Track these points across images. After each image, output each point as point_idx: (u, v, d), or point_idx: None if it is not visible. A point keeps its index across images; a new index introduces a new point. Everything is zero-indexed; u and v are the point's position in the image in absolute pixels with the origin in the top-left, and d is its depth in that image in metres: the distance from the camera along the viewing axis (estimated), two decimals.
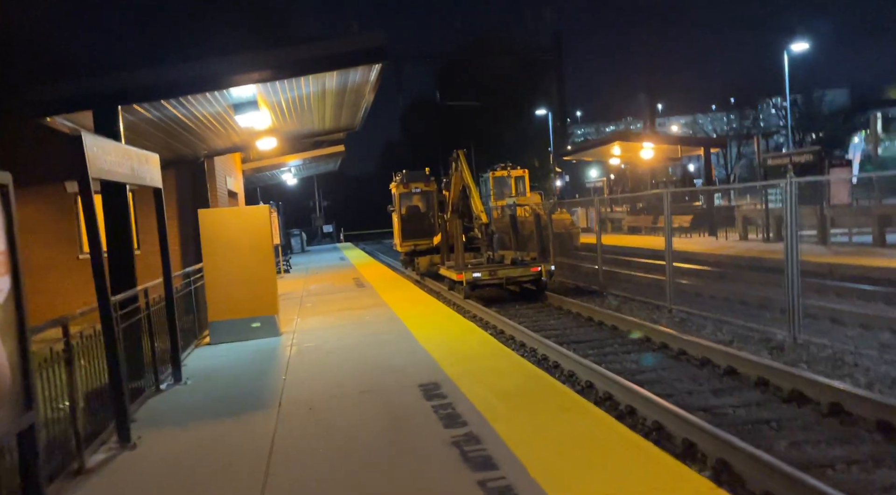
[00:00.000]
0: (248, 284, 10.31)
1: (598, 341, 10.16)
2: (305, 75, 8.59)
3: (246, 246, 10.31)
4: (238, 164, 19.66)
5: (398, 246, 21.15)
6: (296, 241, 38.12)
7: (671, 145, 25.04)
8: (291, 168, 23.79)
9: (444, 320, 10.75)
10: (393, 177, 21.59)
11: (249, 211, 10.48)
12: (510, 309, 13.96)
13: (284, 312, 13.16)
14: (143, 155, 7.38)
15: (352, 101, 11.86)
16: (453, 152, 17.32)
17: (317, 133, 14.85)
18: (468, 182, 16.29)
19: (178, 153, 13.17)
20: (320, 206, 54.58)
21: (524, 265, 14.48)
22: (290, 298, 15.50)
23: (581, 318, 12.19)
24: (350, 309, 12.77)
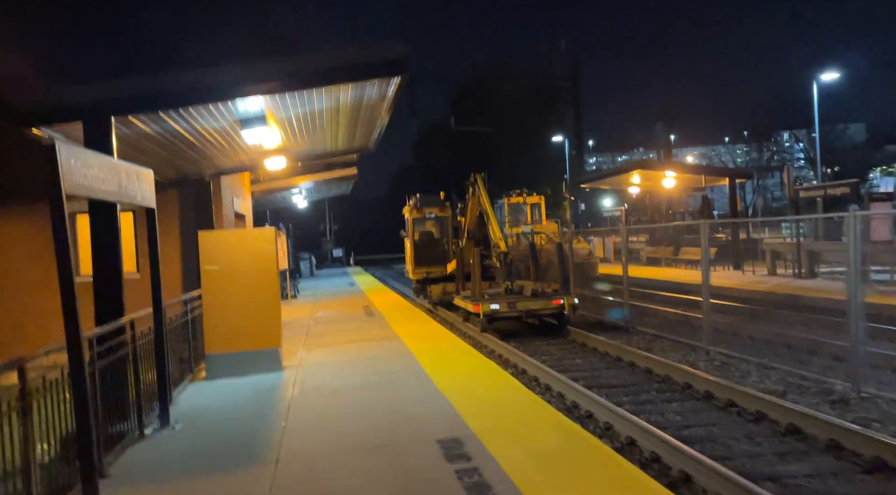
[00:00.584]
0: (250, 314, 9.48)
1: (633, 386, 9.21)
2: (319, 87, 7.85)
3: (249, 272, 9.50)
4: (247, 185, 18.97)
5: (410, 272, 20.31)
6: (305, 265, 37.35)
7: (695, 175, 24.19)
8: (302, 190, 23.12)
9: (460, 357, 9.84)
10: (406, 202, 20.83)
11: (254, 233, 9.69)
12: (530, 344, 13.02)
13: (289, 342, 12.31)
14: (134, 171, 6.62)
15: (367, 119, 11.13)
16: (471, 176, 16.56)
17: (329, 154, 14.14)
18: (486, 208, 15.49)
19: (182, 172, 12.46)
20: (331, 230, 53.97)
21: (545, 297, 13.58)
22: (296, 326, 14.64)
23: (609, 358, 11.23)
24: (359, 340, 11.88)
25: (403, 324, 13.92)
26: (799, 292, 15.55)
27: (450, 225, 20.16)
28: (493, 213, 15.42)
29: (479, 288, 13.86)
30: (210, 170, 12.81)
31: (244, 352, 9.47)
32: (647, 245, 29.63)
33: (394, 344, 11.30)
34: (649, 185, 28.18)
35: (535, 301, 13.46)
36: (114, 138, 7.28)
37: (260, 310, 9.52)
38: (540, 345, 13.00)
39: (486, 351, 12.58)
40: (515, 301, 13.45)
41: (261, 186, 20.19)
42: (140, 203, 6.68)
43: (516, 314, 13.43)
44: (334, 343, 11.87)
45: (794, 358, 10.06)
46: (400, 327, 13.37)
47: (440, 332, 12.65)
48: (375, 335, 12.46)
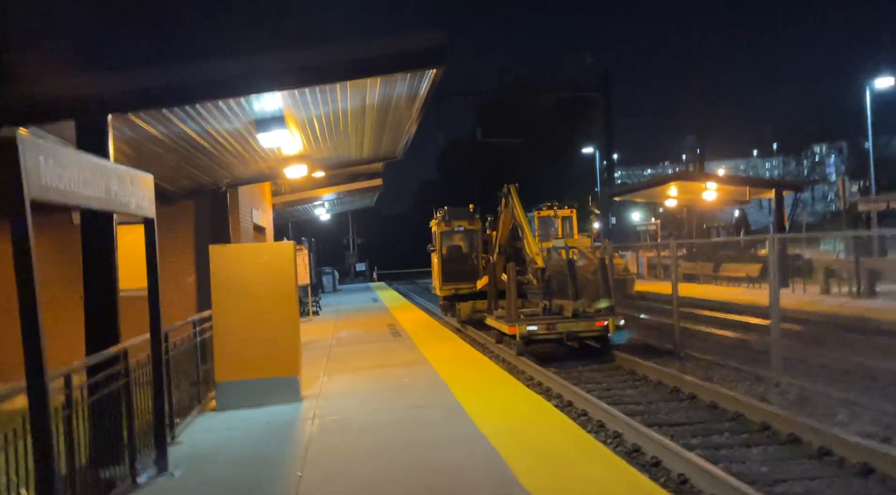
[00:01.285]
0: (266, 337, 8.51)
1: (700, 425, 8.01)
2: (344, 81, 6.89)
3: (265, 290, 8.54)
4: (267, 197, 18.14)
5: (437, 289, 19.26)
6: (327, 280, 36.51)
7: (738, 186, 22.85)
8: (325, 203, 22.29)
9: (498, 387, 8.74)
10: (434, 214, 19.84)
11: (271, 248, 8.75)
12: (571, 370, 11.86)
13: (309, 366, 11.32)
14: (127, 174, 5.69)
15: (395, 123, 10.17)
16: (503, 187, 15.52)
17: (353, 162, 13.22)
18: (520, 220, 14.42)
19: (196, 181, 11.60)
20: (354, 244, 53.23)
21: (587, 318, 12.43)
22: (317, 347, 13.65)
23: (664, 389, 10.03)
24: (385, 365, 10.85)
25: (432, 345, 12.86)
26: (866, 314, 14.18)
27: (479, 239, 19.10)
28: (528, 226, 14.33)
29: (514, 307, 12.76)
30: (226, 180, 11.94)
31: (258, 379, 8.48)
32: (683, 261, 28.26)
33: (423, 370, 10.24)
34: (687, 198, 26.86)
35: (577, 322, 12.32)
36: (110, 139, 6.39)
37: (276, 333, 8.54)
38: (583, 371, 11.83)
39: (525, 378, 11.46)
40: (555, 322, 12.32)
41: (282, 198, 19.37)
42: (134, 211, 5.74)
43: (556, 336, 12.30)
44: (358, 367, 10.85)
45: (883, 392, 8.78)
46: (428, 349, 12.31)
47: (472, 356, 11.57)
48: (403, 359, 11.41)
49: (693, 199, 26.77)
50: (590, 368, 11.98)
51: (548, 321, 12.37)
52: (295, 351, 8.69)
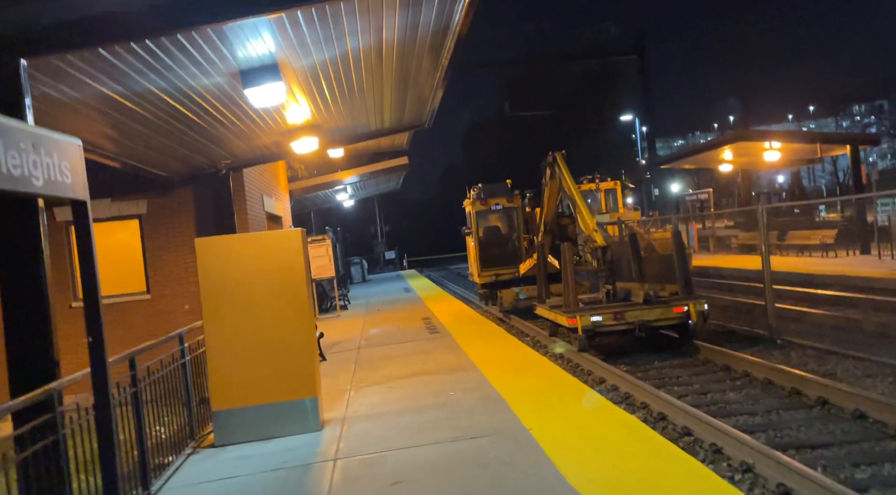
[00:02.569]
0: (272, 351, 6.68)
1: (855, 445, 5.96)
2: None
3: (268, 292, 6.70)
4: (282, 182, 16.33)
5: (475, 275, 17.32)
6: (356, 270, 34.82)
7: (806, 144, 20.34)
8: (347, 187, 20.47)
9: (568, 400, 6.80)
10: (466, 193, 17.84)
11: (274, 238, 6.87)
12: (648, 368, 9.85)
13: (334, 376, 9.52)
14: (40, 137, 3.80)
15: (420, 72, 8.20)
16: (548, 155, 13.44)
17: (374, 133, 11.28)
18: (572, 192, 12.35)
19: (189, 163, 9.80)
20: (382, 231, 51.51)
21: (663, 304, 10.39)
22: (343, 350, 11.86)
23: (777, 391, 7.96)
24: (423, 372, 8.97)
25: (476, 343, 10.95)
26: None
27: (520, 217, 17.07)
28: (582, 199, 12.27)
29: (573, 295, 10.74)
30: (225, 160, 10.13)
31: (266, 405, 6.67)
32: (741, 231, 25.82)
33: (471, 378, 8.33)
34: (744, 161, 24.38)
35: (650, 309, 10.27)
36: (28, 93, 4.54)
37: (285, 345, 6.71)
38: (661, 367, 9.81)
39: (593, 380, 9.49)
40: (623, 310, 10.29)
41: (300, 184, 17.56)
42: (47, 192, 3.88)
43: (625, 327, 10.27)
44: (392, 376, 8.99)
45: None
46: (473, 348, 10.41)
47: (525, 355, 9.62)
48: (444, 363, 9.52)
49: (752, 163, 24.31)
50: (670, 364, 9.94)
51: (614, 309, 10.35)
52: (311, 366, 6.84)
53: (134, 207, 10.80)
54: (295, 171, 17.29)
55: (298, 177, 17.43)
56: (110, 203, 10.81)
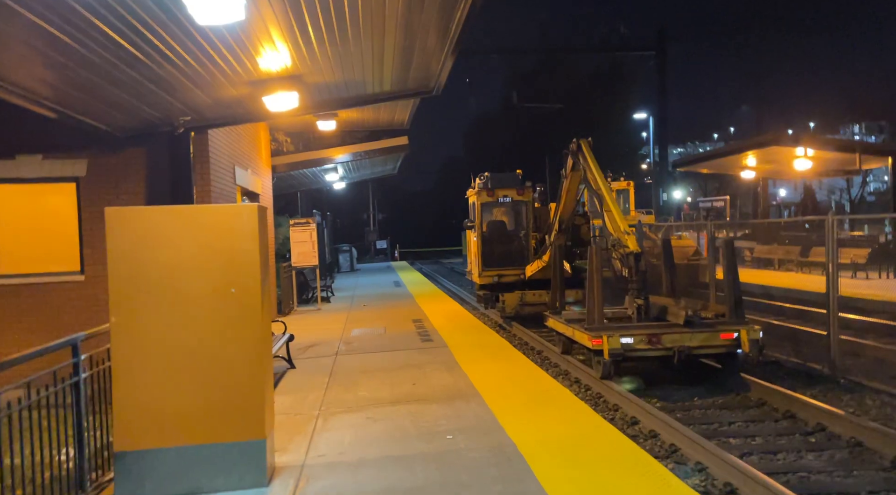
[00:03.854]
0: (208, 372, 4.80)
1: None
2: None
3: (207, 288, 4.81)
4: (263, 154, 14.36)
5: (476, 275, 15.42)
6: (344, 258, 32.88)
7: (844, 154, 18.54)
8: (339, 166, 18.51)
9: (613, 459, 4.94)
10: (472, 181, 15.93)
11: (220, 215, 4.94)
12: (688, 406, 8.02)
13: (302, 391, 7.69)
14: None
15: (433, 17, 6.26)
16: (572, 142, 11.56)
17: (370, 97, 9.31)
18: (600, 186, 10.48)
19: (138, 116, 7.87)
20: (374, 219, 49.51)
21: (708, 328, 8.53)
22: (318, 354, 9.98)
23: (875, 459, 6.10)
24: (413, 398, 7.10)
25: (476, 357, 9.11)
26: None
27: (530, 213, 15.18)
28: (612, 194, 10.40)
29: (599, 309, 8.84)
30: (183, 116, 8.18)
31: (192, 446, 4.77)
32: (758, 243, 24.06)
33: (473, 411, 6.47)
34: (768, 169, 22.61)
35: (691, 333, 8.41)
36: None
37: (228, 363, 4.82)
38: (705, 407, 7.95)
39: (622, 417, 7.63)
40: (660, 332, 8.43)
41: (285, 158, 15.60)
42: None
43: (661, 353, 8.41)
44: (372, 401, 7.11)
45: None
46: (473, 365, 8.56)
47: (538, 380, 7.77)
48: (438, 385, 7.65)
49: (778, 171, 22.54)
50: (714, 403, 8.08)
51: (649, 331, 8.48)
52: (260, 393, 4.94)
53: (70, 167, 8.82)
54: (279, 144, 15.33)
55: (283, 151, 15.46)
56: (41, 160, 8.81)
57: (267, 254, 5.26)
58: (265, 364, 5.11)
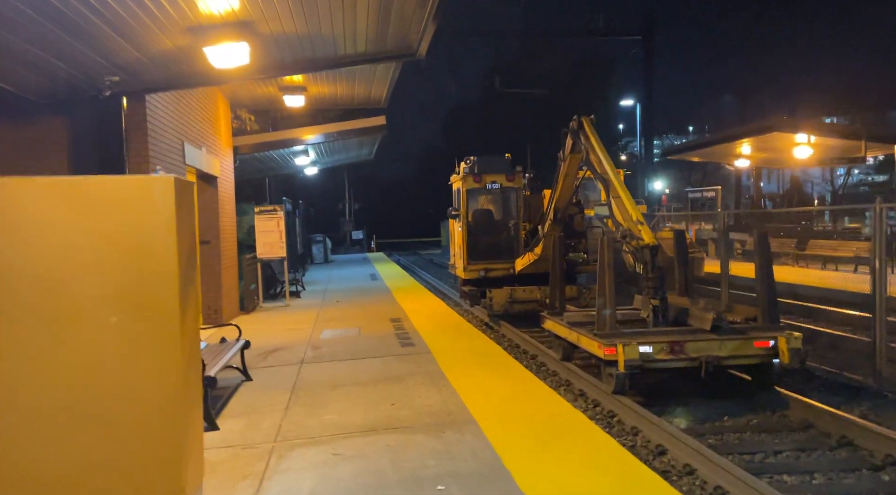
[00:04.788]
0: (102, 415, 3.37)
1: None
2: None
3: (98, 297, 3.37)
4: (223, 132, 12.80)
5: (460, 269, 14.06)
6: (318, 249, 31.31)
7: (848, 140, 17.50)
8: (309, 149, 16.98)
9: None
10: (456, 167, 14.54)
11: (117, 190, 3.49)
12: (719, 427, 6.76)
13: (255, 412, 6.30)
14: None
15: None
16: (572, 121, 10.23)
17: (342, 59, 7.77)
18: (606, 170, 9.18)
19: (55, 76, 6.37)
20: (350, 209, 47.86)
21: (740, 334, 7.27)
22: (280, 362, 8.54)
23: None
24: (392, 426, 5.73)
25: (465, 367, 7.78)
26: None
27: (521, 201, 13.84)
28: (620, 179, 9.09)
29: (612, 313, 7.51)
30: (111, 76, 6.67)
31: None
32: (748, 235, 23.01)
33: (469, 446, 5.13)
34: (764, 158, 21.61)
35: (720, 340, 7.15)
36: None
37: (133, 403, 3.40)
38: (739, 429, 6.69)
39: (644, 443, 6.33)
40: (683, 339, 7.15)
41: (249, 139, 14.05)
42: None
43: (685, 364, 7.13)
44: (342, 428, 5.73)
45: None
46: (462, 378, 7.24)
47: (540, 396, 6.47)
48: (424, 406, 6.29)
49: (774, 159, 21.51)
50: (749, 424, 6.82)
51: (670, 338, 7.19)
52: (178, 437, 3.52)
53: None
54: (242, 123, 13.78)
55: (247, 130, 13.91)
56: None
57: (193, 244, 3.83)
58: (189, 396, 3.70)
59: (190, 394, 3.72)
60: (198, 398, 4.02)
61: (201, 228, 12.05)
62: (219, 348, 7.41)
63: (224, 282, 12.15)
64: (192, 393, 3.82)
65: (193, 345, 3.86)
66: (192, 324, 3.76)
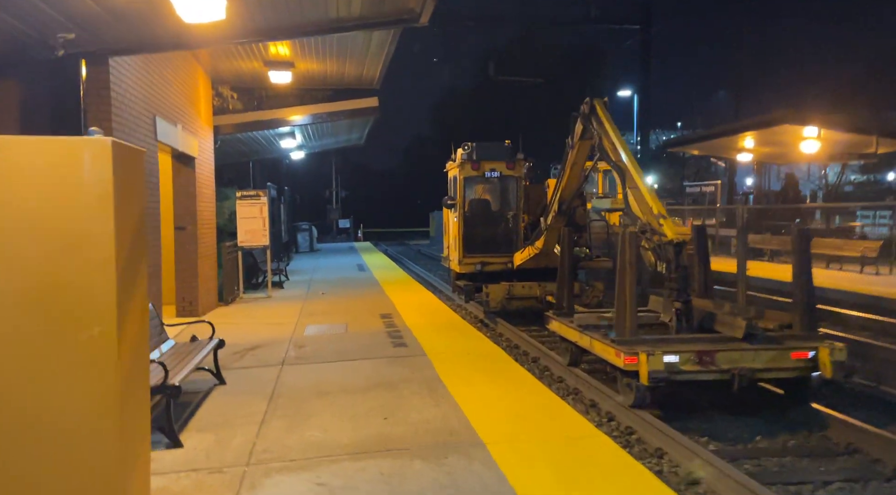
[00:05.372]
0: (11, 450, 2.47)
1: None
2: None
3: (7, 300, 2.47)
4: (202, 109, 11.84)
5: (455, 262, 13.22)
6: (303, 238, 30.35)
7: (858, 135, 16.80)
8: (296, 132, 16.03)
9: None
10: (452, 154, 13.67)
11: (34, 154, 2.61)
12: (755, 451, 5.99)
13: (226, 426, 5.46)
14: None
15: None
16: (585, 102, 9.39)
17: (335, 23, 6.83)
18: (621, 156, 8.36)
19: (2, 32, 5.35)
20: (337, 197, 46.81)
21: (776, 344, 6.51)
22: (258, 363, 7.67)
23: None
24: (385, 447, 4.92)
25: (464, 371, 7.00)
26: None
27: (521, 191, 13.01)
28: (637, 166, 8.27)
29: (633, 317, 6.71)
30: (65, 32, 5.72)
31: None
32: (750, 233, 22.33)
33: (476, 474, 4.35)
34: (768, 152, 20.96)
35: (754, 350, 6.39)
36: None
37: (50, 442, 2.51)
38: (776, 453, 5.92)
39: (672, 467, 5.55)
40: (712, 349, 6.37)
41: (231, 118, 13.09)
42: None
43: (715, 377, 6.36)
44: (326, 448, 4.90)
45: None
46: (463, 386, 6.44)
47: (554, 411, 5.69)
48: (421, 422, 5.46)
49: (780, 153, 20.86)
50: (787, 448, 6.06)
51: (699, 346, 6.41)
52: (113, 472, 2.65)
53: None
54: (224, 101, 12.81)
55: (229, 109, 12.94)
56: None
57: (139, 228, 2.96)
58: (130, 428, 2.84)
59: (129, 426, 2.86)
60: (142, 421, 3.16)
61: (177, 213, 11.13)
62: (188, 348, 6.54)
63: (201, 271, 11.24)
64: (134, 416, 2.96)
65: (137, 355, 3.00)
66: (134, 328, 2.90)
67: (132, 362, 2.86)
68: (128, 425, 2.83)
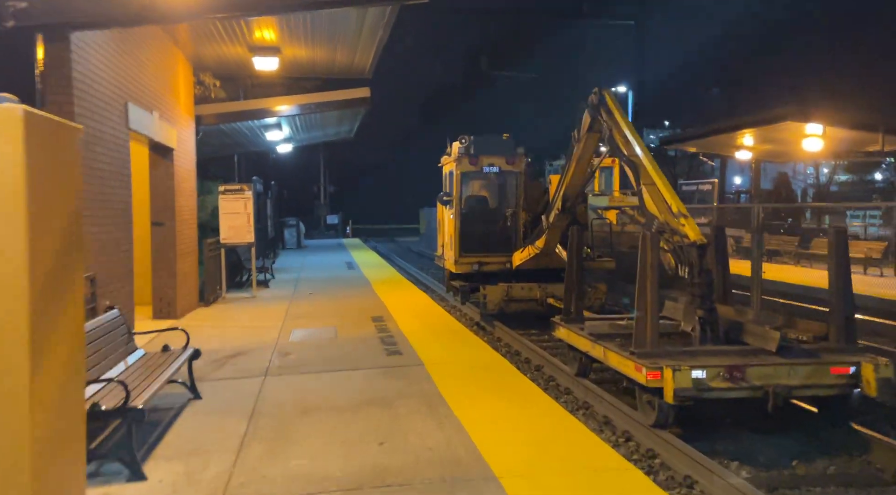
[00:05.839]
0: None
1: None
2: None
3: None
4: (182, 96, 11.07)
5: (451, 262, 12.54)
6: (290, 234, 29.56)
7: (863, 132, 16.26)
8: (283, 123, 15.27)
9: None
10: (447, 148, 12.98)
11: None
12: (795, 481, 5.39)
13: (201, 452, 4.71)
14: None
15: None
16: (593, 93, 8.73)
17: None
18: (635, 151, 7.71)
19: None
20: (326, 192, 45.93)
21: (812, 358, 5.89)
22: (239, 374, 6.97)
23: None
24: (384, 485, 4.23)
25: (466, 384, 6.36)
26: None
27: (521, 187, 12.34)
28: (653, 161, 7.61)
29: (654, 327, 6.05)
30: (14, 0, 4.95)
31: None
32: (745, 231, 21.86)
33: None
34: (767, 150, 20.43)
35: (789, 365, 5.77)
36: None
37: None
38: (820, 484, 5.30)
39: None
40: (743, 363, 5.74)
41: (213, 107, 12.33)
42: None
43: (746, 393, 5.73)
44: (313, 482, 4.23)
45: None
46: (467, 402, 5.81)
47: (572, 435, 5.07)
48: (422, 449, 4.80)
49: (780, 151, 20.30)
50: (828, 475, 5.45)
51: (727, 360, 5.78)
52: None
53: None
54: (206, 89, 12.05)
55: (211, 97, 12.18)
56: None
57: (70, 225, 2.26)
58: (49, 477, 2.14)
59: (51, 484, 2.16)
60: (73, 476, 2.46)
61: (154, 208, 10.38)
62: (158, 360, 5.82)
63: (179, 269, 10.50)
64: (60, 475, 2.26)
65: (65, 399, 2.30)
66: (60, 362, 2.20)
67: (56, 412, 2.17)
68: (48, 474, 2.14)
